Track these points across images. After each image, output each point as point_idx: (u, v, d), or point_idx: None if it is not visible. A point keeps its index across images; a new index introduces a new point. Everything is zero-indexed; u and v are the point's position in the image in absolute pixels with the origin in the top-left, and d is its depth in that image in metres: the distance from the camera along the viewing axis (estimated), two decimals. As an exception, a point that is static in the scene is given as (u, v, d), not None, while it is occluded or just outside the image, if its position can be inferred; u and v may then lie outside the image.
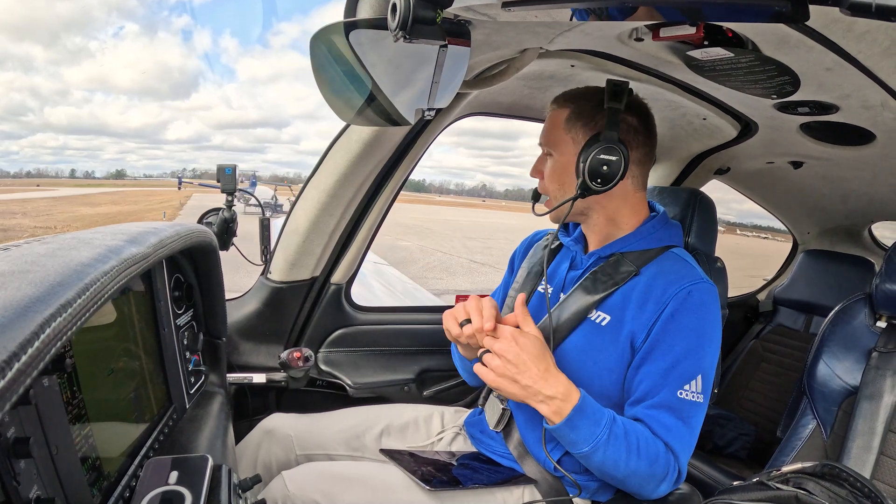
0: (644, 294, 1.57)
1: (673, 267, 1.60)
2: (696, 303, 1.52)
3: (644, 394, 1.52)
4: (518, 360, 1.44)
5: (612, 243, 1.69)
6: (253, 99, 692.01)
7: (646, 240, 1.68)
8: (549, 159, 1.69)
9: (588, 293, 1.65)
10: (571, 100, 1.65)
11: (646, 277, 1.60)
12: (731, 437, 3.03)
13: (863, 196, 2.90)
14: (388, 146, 2.02)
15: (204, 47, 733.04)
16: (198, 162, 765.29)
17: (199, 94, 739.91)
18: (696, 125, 2.35)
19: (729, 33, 1.34)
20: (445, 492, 1.61)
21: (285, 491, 1.59)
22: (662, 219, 1.73)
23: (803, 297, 3.39)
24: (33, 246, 0.85)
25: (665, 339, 1.51)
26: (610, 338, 1.59)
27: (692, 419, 1.50)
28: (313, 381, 2.38)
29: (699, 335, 1.52)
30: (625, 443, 1.44)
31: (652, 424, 1.49)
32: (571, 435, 1.44)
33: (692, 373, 1.49)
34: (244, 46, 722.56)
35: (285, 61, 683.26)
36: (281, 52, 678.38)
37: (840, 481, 1.49)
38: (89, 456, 1.03)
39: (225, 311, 1.84)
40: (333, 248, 2.27)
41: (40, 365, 0.57)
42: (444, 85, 1.37)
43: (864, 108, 1.69)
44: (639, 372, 1.54)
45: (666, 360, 1.50)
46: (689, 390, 1.49)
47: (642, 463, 1.44)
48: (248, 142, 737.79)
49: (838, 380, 2.11)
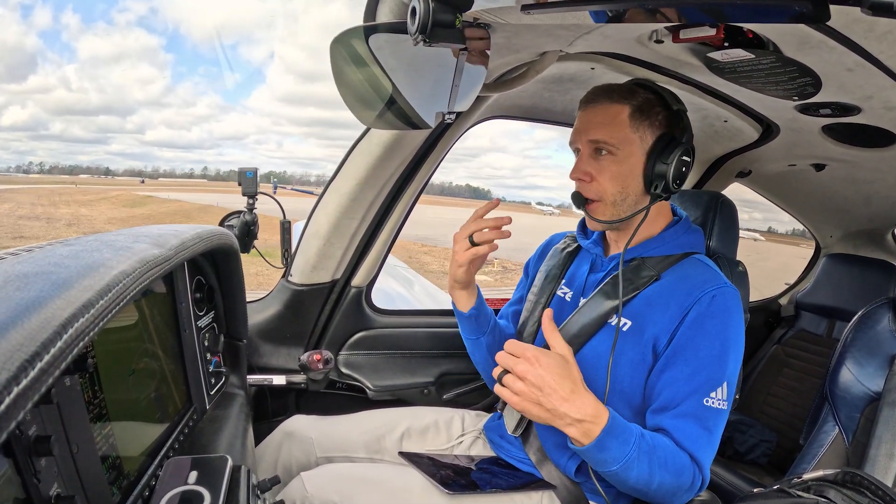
0: (667, 298, 1.55)
1: (696, 271, 1.59)
2: (720, 308, 1.50)
3: (668, 401, 1.49)
4: (542, 383, 1.35)
5: (635, 247, 1.66)
6: (94, 81, 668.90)
7: (667, 245, 1.66)
8: (607, 159, 1.59)
9: (608, 297, 1.62)
10: (627, 96, 1.58)
11: (666, 282, 1.58)
12: (751, 443, 3.00)
13: (886, 199, 2.87)
14: (408, 149, 2.03)
15: (44, 23, 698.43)
16: (36, 154, 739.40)
17: (38, 75, 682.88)
18: (717, 127, 2.33)
19: (749, 34, 1.33)
20: (464, 496, 1.60)
21: (303, 492, 1.59)
22: (685, 224, 1.71)
23: (826, 302, 3.35)
24: (56, 247, 0.86)
25: (689, 344, 1.49)
26: (631, 342, 1.57)
27: (716, 428, 1.48)
28: (333, 383, 2.39)
29: (723, 341, 1.49)
30: (654, 458, 1.40)
31: (677, 435, 1.46)
32: (600, 455, 1.39)
33: (717, 380, 1.47)
34: (86, 23, 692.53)
35: (130, 39, 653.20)
36: (126, 29, 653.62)
37: (861, 489, 1.47)
38: (109, 455, 1.05)
39: (246, 313, 1.85)
40: (354, 252, 2.28)
41: (62, 364, 0.58)
42: (464, 88, 1.38)
43: (886, 110, 1.67)
44: (661, 377, 1.51)
45: (690, 367, 1.48)
46: (714, 398, 1.46)
47: (669, 476, 1.42)
48: (90, 131, 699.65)
49: (861, 386, 2.08)
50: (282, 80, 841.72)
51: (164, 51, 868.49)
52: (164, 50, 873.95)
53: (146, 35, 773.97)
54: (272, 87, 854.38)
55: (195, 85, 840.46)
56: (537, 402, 1.36)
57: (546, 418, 1.38)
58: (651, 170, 1.56)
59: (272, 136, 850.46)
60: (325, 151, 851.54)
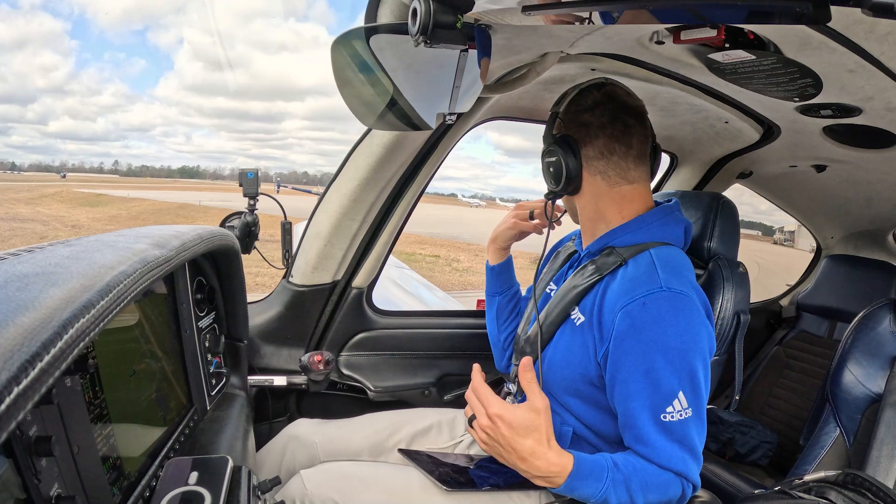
0: (606, 300, 1.53)
1: (635, 273, 1.53)
2: (653, 316, 1.43)
3: (627, 419, 1.47)
4: (502, 441, 1.39)
5: (600, 238, 1.67)
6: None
7: (635, 233, 1.63)
8: None
9: (573, 287, 1.64)
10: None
11: (617, 278, 1.56)
12: (752, 444, 3.00)
13: (887, 200, 2.86)
14: (409, 150, 2.03)
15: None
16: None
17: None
18: (718, 128, 2.33)
19: (750, 35, 1.33)
20: (461, 493, 1.61)
21: (303, 490, 1.60)
22: (660, 213, 1.67)
23: (827, 303, 3.35)
24: (57, 248, 0.86)
25: (628, 359, 1.44)
26: (580, 341, 1.56)
27: (687, 437, 1.44)
28: (334, 384, 2.39)
29: (665, 351, 1.42)
30: (632, 484, 1.41)
31: (650, 456, 1.44)
32: (574, 494, 1.42)
33: (669, 393, 1.42)
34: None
35: (34, 24, 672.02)
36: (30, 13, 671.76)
37: (863, 491, 1.47)
38: (110, 455, 1.05)
39: (246, 314, 1.85)
40: (355, 252, 2.28)
41: (63, 365, 0.58)
42: (465, 89, 1.38)
43: (887, 111, 1.67)
44: (615, 392, 1.49)
45: (637, 384, 1.43)
46: (673, 411, 1.41)
47: (654, 494, 1.42)
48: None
49: (862, 387, 2.08)
50: (190, 67, 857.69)
51: (69, 36, 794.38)
52: (69, 35, 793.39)
53: (51, 19, 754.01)
54: (180, 75, 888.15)
55: (100, 72, 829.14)
56: (499, 454, 1.41)
57: (513, 467, 1.43)
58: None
59: (180, 128, 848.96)
60: (236, 145, 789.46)
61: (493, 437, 1.40)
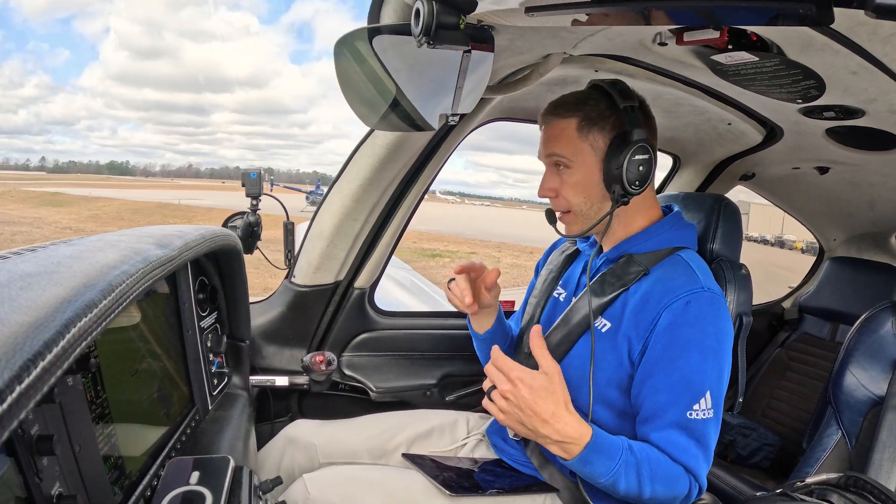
0: (642, 301, 1.53)
1: (674, 273, 1.55)
2: (695, 314, 1.46)
3: (652, 412, 1.48)
4: (523, 404, 1.37)
5: (621, 244, 1.66)
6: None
7: (654, 240, 1.64)
8: (566, 172, 1.61)
9: (596, 296, 1.61)
10: (575, 107, 1.59)
11: (649, 281, 1.56)
12: (754, 447, 2.99)
13: (890, 202, 2.86)
14: (412, 151, 2.03)
15: None
16: None
17: None
18: (721, 130, 2.33)
19: (753, 37, 1.33)
20: (466, 498, 1.60)
21: (306, 494, 1.60)
22: (673, 218, 1.69)
23: (829, 305, 3.34)
24: (59, 247, 0.86)
25: (665, 354, 1.46)
26: (609, 345, 1.56)
27: (705, 437, 1.46)
28: (336, 384, 2.39)
29: (702, 350, 1.45)
30: (643, 471, 1.41)
31: (666, 447, 1.45)
32: (585, 469, 1.41)
33: (699, 391, 1.44)
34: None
35: None
36: None
37: (864, 493, 1.47)
38: (112, 455, 1.05)
39: (248, 314, 1.85)
40: (357, 253, 2.28)
41: (65, 364, 0.58)
42: (468, 90, 1.38)
43: (890, 113, 1.67)
44: (644, 387, 1.50)
45: (670, 378, 1.45)
46: (699, 409, 1.44)
47: (662, 487, 1.42)
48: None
49: (864, 390, 2.07)
50: (116, 56, 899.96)
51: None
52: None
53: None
54: (105, 64, 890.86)
55: (23, 63, 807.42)
56: (519, 421, 1.39)
57: (529, 435, 1.41)
58: (607, 174, 1.55)
59: (105, 122, 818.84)
60: (163, 139, 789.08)
61: (514, 403, 1.38)
